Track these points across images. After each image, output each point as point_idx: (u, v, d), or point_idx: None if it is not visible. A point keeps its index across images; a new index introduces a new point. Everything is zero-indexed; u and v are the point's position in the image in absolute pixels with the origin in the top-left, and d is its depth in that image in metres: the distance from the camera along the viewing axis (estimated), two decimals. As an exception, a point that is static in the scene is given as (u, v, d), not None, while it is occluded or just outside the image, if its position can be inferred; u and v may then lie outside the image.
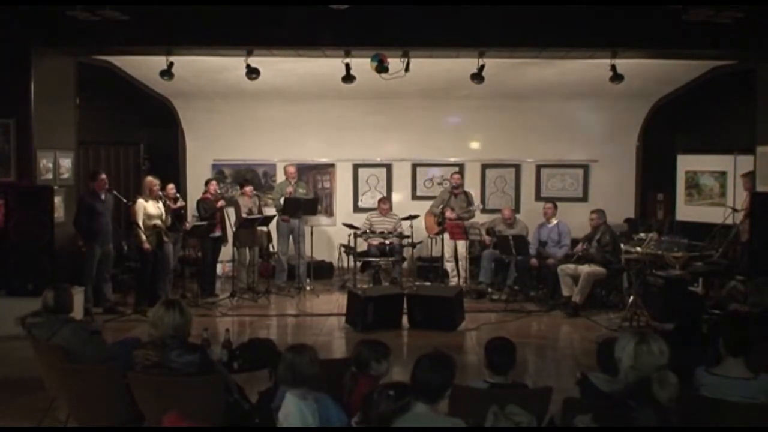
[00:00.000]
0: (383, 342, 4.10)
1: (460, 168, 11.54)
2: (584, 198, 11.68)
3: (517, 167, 11.87)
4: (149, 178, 9.05)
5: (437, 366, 3.23)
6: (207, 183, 10.00)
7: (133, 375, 3.95)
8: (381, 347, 4.03)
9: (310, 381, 3.51)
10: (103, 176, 8.74)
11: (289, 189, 10.30)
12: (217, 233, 9.76)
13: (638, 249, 8.46)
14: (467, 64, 8.67)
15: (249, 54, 8.46)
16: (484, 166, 11.85)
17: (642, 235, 8.97)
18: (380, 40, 8.07)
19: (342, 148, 11.72)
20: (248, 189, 10.28)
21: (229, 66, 9.20)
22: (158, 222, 8.90)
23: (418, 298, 8.24)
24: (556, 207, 9.95)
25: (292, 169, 10.61)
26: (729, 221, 9.11)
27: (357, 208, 11.77)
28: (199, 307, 8.89)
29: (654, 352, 3.29)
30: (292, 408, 3.44)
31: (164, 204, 9.03)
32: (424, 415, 3.11)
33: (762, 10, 7.35)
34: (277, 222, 10.37)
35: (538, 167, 11.85)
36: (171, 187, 9.39)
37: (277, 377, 3.69)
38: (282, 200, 10.24)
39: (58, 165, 8.42)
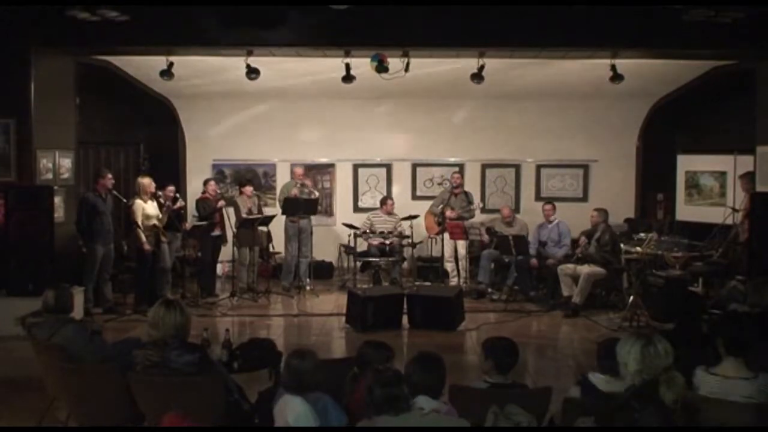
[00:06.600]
0: (388, 344, 4.11)
1: (460, 168, 11.53)
2: (584, 198, 11.68)
3: (517, 167, 11.86)
4: (144, 179, 9.01)
5: (427, 365, 3.22)
6: (205, 183, 10.00)
7: (133, 375, 3.95)
8: (386, 350, 4.04)
9: (317, 388, 3.51)
10: (110, 175, 8.75)
11: (294, 191, 10.21)
12: (217, 233, 9.76)
13: (638, 249, 8.46)
14: (467, 64, 8.66)
15: (249, 54, 8.46)
16: (484, 166, 11.85)
17: (642, 235, 8.96)
18: (380, 40, 8.07)
19: (342, 148, 11.71)
20: (248, 189, 10.25)
21: (229, 66, 9.19)
22: (156, 222, 8.90)
23: (418, 298, 8.23)
24: (554, 207, 9.96)
25: (299, 171, 10.50)
26: (729, 221, 9.10)
27: (357, 208, 11.76)
28: (199, 307, 8.89)
29: (660, 354, 3.28)
30: (299, 408, 3.43)
31: (159, 203, 9.03)
32: (428, 416, 3.11)
33: (762, 10, 7.35)
34: (285, 224, 10.29)
35: (538, 167, 11.85)
36: (171, 189, 9.37)
37: (277, 378, 3.69)
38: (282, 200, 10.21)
39: (58, 165, 8.41)
